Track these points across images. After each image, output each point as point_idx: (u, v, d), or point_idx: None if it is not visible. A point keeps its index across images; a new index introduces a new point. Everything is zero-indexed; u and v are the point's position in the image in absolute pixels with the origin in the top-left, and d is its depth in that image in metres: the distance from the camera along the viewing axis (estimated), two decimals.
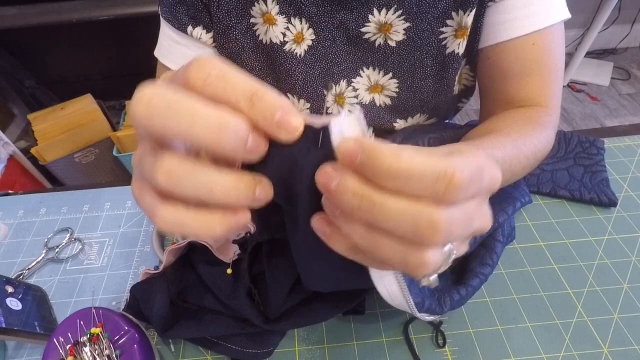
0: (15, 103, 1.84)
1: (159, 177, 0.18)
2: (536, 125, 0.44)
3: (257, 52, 0.50)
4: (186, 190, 0.19)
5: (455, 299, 0.38)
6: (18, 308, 0.43)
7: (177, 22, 0.48)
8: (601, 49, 2.18)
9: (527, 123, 0.44)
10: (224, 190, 0.19)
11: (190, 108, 0.17)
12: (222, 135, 0.18)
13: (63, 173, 1.52)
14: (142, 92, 0.18)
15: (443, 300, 0.37)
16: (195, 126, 0.17)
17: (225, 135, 0.18)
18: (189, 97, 0.18)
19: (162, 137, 0.19)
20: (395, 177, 0.18)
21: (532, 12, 0.44)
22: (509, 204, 0.42)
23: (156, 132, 0.18)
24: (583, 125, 1.83)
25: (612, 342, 0.40)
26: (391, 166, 0.18)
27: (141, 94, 0.18)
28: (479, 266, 0.40)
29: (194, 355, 0.42)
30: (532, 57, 0.45)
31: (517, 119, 0.45)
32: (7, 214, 0.59)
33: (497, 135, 0.41)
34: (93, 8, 1.32)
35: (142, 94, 0.18)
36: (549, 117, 0.46)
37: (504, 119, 0.46)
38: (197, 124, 0.17)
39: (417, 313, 0.35)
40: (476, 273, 0.39)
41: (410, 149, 0.19)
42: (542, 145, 0.44)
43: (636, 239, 0.49)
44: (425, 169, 0.18)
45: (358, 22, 0.48)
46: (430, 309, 0.36)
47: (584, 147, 0.58)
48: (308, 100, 0.52)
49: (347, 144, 0.19)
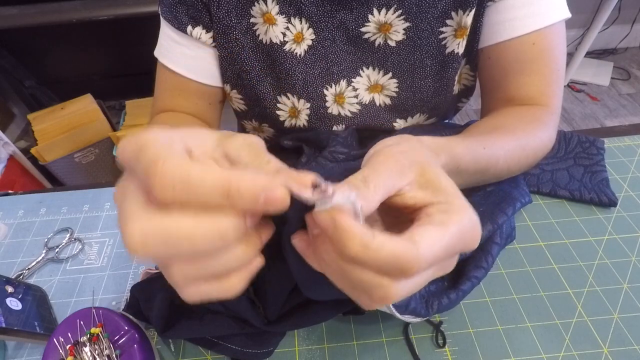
0: (15, 103, 1.84)
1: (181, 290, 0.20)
2: (539, 124, 0.44)
3: (257, 52, 0.50)
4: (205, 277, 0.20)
5: (444, 303, 0.37)
6: (18, 308, 0.43)
7: (177, 22, 0.48)
8: (601, 49, 2.18)
9: (530, 121, 0.44)
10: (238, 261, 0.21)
11: (186, 233, 0.18)
12: (224, 239, 0.19)
13: (63, 173, 1.52)
14: (129, 226, 0.18)
15: (431, 304, 0.37)
16: (196, 245, 0.18)
17: (226, 237, 0.19)
18: (177, 220, 0.18)
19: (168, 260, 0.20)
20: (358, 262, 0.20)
21: (532, 11, 0.44)
22: (509, 205, 0.42)
23: (161, 259, 0.20)
24: (583, 125, 1.83)
25: (612, 342, 0.40)
26: (357, 253, 0.20)
27: (130, 231, 0.18)
28: (473, 269, 0.39)
29: (194, 355, 0.42)
30: (532, 56, 0.45)
31: (521, 117, 0.45)
32: (7, 214, 0.59)
33: (500, 134, 0.41)
34: (93, 8, 1.32)
35: (131, 230, 0.18)
36: (550, 116, 0.46)
37: (507, 115, 0.47)
38: (197, 243, 0.18)
39: (398, 315, 0.35)
40: (469, 277, 0.39)
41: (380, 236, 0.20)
42: (543, 144, 0.45)
43: (636, 239, 0.49)
44: (388, 260, 0.20)
45: (358, 22, 0.48)
46: (415, 312, 0.36)
47: (584, 147, 0.58)
48: (308, 100, 0.52)
49: (323, 217, 0.21)
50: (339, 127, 0.55)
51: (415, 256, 0.20)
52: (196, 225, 0.18)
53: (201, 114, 0.56)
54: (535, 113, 0.46)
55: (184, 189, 0.18)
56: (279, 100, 0.53)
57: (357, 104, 0.53)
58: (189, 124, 0.53)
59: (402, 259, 0.20)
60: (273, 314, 0.37)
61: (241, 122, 0.62)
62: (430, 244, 0.21)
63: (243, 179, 0.18)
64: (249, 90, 0.53)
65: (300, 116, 0.54)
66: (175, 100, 0.54)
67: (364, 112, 0.54)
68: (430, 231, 0.21)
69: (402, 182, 0.25)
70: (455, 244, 0.22)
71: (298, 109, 0.53)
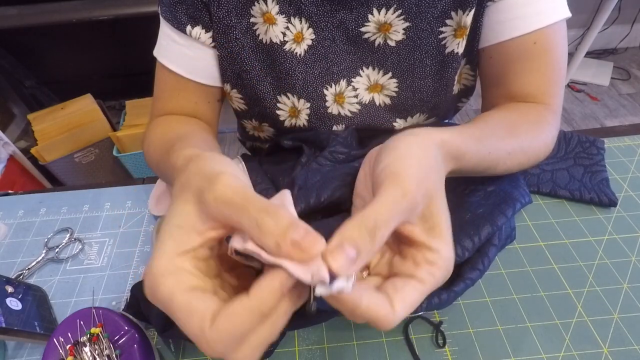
0: (15, 103, 1.84)
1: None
2: (544, 124, 0.44)
3: (257, 52, 0.50)
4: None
5: (434, 302, 0.37)
6: (18, 308, 0.43)
7: (176, 22, 0.48)
8: (601, 49, 2.18)
9: (535, 121, 0.44)
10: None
11: (269, 338, 0.23)
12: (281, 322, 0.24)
13: (63, 173, 1.52)
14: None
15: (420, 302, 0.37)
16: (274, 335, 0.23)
17: (284, 321, 0.24)
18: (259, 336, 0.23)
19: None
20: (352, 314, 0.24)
21: (533, 10, 0.44)
22: (509, 206, 0.42)
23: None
24: (583, 125, 1.83)
25: (612, 342, 0.40)
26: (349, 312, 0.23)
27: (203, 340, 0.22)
28: (469, 271, 0.39)
29: (194, 355, 0.42)
30: (533, 55, 0.45)
31: (526, 116, 0.45)
32: (7, 214, 0.59)
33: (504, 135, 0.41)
34: (93, 8, 1.32)
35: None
36: (553, 115, 0.46)
37: (513, 111, 0.46)
38: (274, 335, 0.23)
39: None
40: (464, 278, 0.38)
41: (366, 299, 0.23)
42: (545, 146, 0.45)
43: (636, 239, 0.49)
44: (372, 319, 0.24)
45: (358, 21, 0.48)
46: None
47: (584, 147, 0.58)
48: (308, 100, 0.52)
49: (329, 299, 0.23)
50: (339, 126, 0.55)
51: (391, 320, 0.24)
52: (271, 327, 0.23)
53: (200, 114, 0.56)
54: (540, 112, 0.46)
55: (233, 341, 0.22)
56: (279, 100, 0.53)
57: (357, 104, 0.53)
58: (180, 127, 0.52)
59: (381, 320, 0.24)
60: None
61: (241, 121, 0.62)
62: (406, 306, 0.24)
63: (267, 299, 0.22)
64: (249, 90, 0.53)
65: (300, 116, 0.54)
66: (175, 100, 0.54)
67: (364, 112, 0.54)
68: (409, 293, 0.25)
69: (410, 218, 0.26)
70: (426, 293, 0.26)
71: (298, 109, 0.53)
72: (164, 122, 0.53)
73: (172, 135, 0.47)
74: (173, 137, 0.49)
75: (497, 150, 0.38)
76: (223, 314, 0.21)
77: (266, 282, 0.22)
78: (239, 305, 0.21)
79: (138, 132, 1.45)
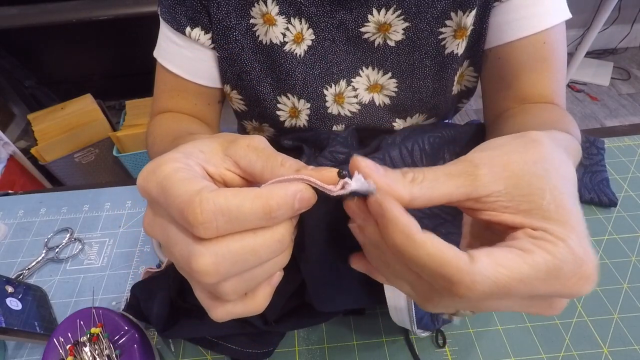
0: (15, 103, 1.84)
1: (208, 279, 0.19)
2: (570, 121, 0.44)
3: (256, 53, 0.50)
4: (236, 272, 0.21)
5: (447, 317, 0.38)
6: (18, 308, 0.43)
7: (176, 23, 0.48)
8: (601, 49, 2.18)
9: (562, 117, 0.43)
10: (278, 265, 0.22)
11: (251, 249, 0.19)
12: (283, 244, 0.21)
13: (63, 173, 1.52)
14: (198, 261, 0.19)
15: (436, 318, 0.38)
16: (261, 257, 0.20)
17: (285, 242, 0.21)
18: (240, 241, 0.19)
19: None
20: (400, 253, 0.19)
21: (541, 10, 0.44)
22: None
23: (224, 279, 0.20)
24: (583, 125, 1.83)
25: (612, 342, 0.40)
26: (400, 244, 0.18)
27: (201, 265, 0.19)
28: None
29: (194, 355, 0.42)
30: (544, 55, 0.46)
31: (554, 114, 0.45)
32: (7, 214, 0.59)
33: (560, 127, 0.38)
34: (93, 8, 1.32)
35: (202, 264, 0.19)
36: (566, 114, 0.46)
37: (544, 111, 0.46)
38: (262, 255, 0.20)
39: (416, 329, 0.36)
40: None
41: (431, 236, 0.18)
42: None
43: (636, 239, 0.49)
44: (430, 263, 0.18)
45: (357, 22, 0.48)
46: (427, 326, 0.37)
47: (584, 147, 0.58)
48: (308, 100, 0.52)
49: (372, 203, 0.20)
50: (338, 126, 0.55)
51: (464, 271, 0.17)
52: (258, 240, 0.20)
53: (200, 115, 0.56)
54: (564, 112, 0.46)
55: (227, 224, 0.19)
56: (279, 100, 0.53)
57: (356, 104, 0.53)
58: (188, 124, 0.53)
59: (446, 267, 0.17)
60: (273, 315, 0.37)
61: (241, 122, 0.62)
62: (494, 267, 0.17)
63: (277, 195, 0.19)
64: (249, 90, 0.53)
65: (301, 116, 0.54)
66: (174, 101, 0.54)
67: (364, 112, 0.54)
68: (503, 253, 0.18)
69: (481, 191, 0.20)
70: (542, 281, 0.18)
71: (298, 109, 0.53)
72: (170, 117, 0.53)
73: (181, 127, 0.48)
74: (182, 128, 0.49)
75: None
76: (229, 189, 0.19)
77: (281, 185, 0.20)
78: (248, 190, 0.19)
79: (138, 132, 1.45)
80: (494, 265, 0.17)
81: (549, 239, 0.18)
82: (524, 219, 0.19)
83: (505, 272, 0.17)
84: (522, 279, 0.17)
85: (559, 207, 0.19)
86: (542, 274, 0.17)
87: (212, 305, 0.22)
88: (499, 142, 0.23)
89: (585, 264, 0.18)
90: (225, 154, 0.23)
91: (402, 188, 0.20)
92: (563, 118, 0.43)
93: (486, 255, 0.18)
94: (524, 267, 0.17)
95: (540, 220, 0.19)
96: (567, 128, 0.38)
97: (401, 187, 0.20)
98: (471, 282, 0.17)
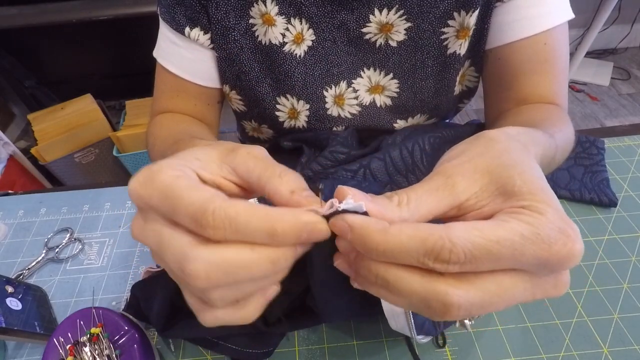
0: (15, 103, 1.84)
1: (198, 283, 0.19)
2: (566, 122, 0.44)
3: (256, 53, 0.50)
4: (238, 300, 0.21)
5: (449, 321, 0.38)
6: (18, 308, 0.43)
7: (175, 24, 0.48)
8: (601, 49, 2.18)
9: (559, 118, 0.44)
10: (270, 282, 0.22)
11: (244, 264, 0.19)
12: (276, 267, 0.20)
13: (63, 173, 1.52)
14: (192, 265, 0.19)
15: (438, 323, 0.38)
16: (253, 273, 0.20)
17: (279, 266, 0.20)
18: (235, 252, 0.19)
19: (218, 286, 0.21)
20: (385, 253, 0.19)
21: (542, 11, 0.44)
22: None
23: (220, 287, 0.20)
24: (583, 125, 1.83)
25: (612, 342, 0.40)
26: (379, 243, 0.19)
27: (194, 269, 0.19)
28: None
29: (194, 355, 0.42)
30: (544, 56, 0.46)
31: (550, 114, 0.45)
32: (7, 214, 0.59)
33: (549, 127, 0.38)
34: (93, 8, 1.32)
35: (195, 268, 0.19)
36: (566, 115, 0.46)
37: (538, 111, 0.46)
38: (254, 272, 0.20)
39: (417, 336, 0.36)
40: None
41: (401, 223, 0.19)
42: (570, 141, 0.42)
43: (636, 239, 0.49)
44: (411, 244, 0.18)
45: (359, 22, 0.48)
46: (429, 331, 0.37)
47: (584, 147, 0.58)
48: (307, 102, 0.52)
49: (338, 222, 0.20)
50: (338, 128, 0.55)
51: (444, 237, 0.17)
52: (253, 256, 0.19)
53: (200, 115, 0.56)
54: (558, 112, 0.46)
55: (233, 234, 0.19)
56: (278, 101, 0.53)
57: (357, 105, 0.53)
58: (188, 125, 0.53)
59: (428, 241, 0.18)
60: (273, 316, 0.37)
61: (241, 122, 0.62)
62: (469, 230, 0.18)
63: (285, 220, 0.19)
64: (248, 91, 0.53)
65: (300, 117, 0.54)
66: (174, 102, 0.54)
67: (364, 114, 0.54)
68: (479, 222, 0.19)
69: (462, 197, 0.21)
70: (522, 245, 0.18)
71: (297, 110, 0.53)
72: (170, 117, 0.53)
73: (181, 128, 0.47)
74: (183, 130, 0.49)
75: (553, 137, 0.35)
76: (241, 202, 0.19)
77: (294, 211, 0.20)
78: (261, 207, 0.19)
79: (138, 132, 1.45)
80: (468, 229, 0.18)
81: (527, 213, 0.19)
82: (502, 204, 0.20)
83: (479, 233, 0.18)
84: (499, 240, 0.18)
85: (530, 188, 0.20)
86: (519, 237, 0.18)
87: (201, 310, 0.22)
88: (460, 148, 0.24)
89: (566, 229, 0.18)
90: (224, 162, 0.23)
91: (391, 213, 0.20)
92: (552, 117, 0.43)
93: (461, 225, 0.18)
94: (499, 230, 0.18)
95: (517, 202, 0.20)
96: (552, 126, 0.38)
97: (390, 212, 0.20)
98: (451, 245, 0.17)
